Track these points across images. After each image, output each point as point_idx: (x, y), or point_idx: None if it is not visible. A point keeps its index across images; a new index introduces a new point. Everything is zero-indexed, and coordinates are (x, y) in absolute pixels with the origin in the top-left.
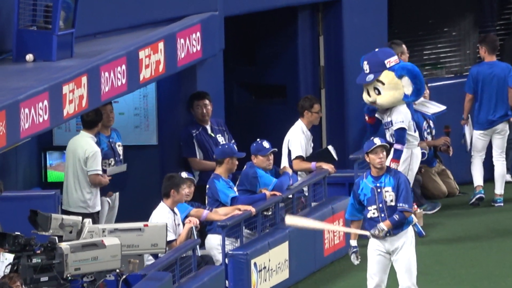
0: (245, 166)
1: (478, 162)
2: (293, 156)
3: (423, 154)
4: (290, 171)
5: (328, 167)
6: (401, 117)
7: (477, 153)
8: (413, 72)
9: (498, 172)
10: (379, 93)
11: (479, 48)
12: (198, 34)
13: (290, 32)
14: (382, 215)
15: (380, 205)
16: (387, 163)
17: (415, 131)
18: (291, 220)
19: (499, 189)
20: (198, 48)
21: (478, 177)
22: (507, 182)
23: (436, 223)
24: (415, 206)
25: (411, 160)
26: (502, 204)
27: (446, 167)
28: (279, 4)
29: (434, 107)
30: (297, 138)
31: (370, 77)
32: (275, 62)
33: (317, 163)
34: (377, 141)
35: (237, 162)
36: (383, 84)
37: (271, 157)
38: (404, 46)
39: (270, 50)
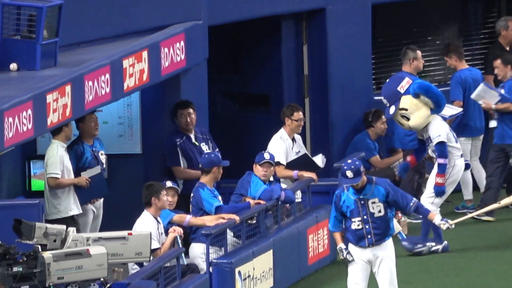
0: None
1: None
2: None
3: (467, 166)
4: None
5: (309, 175)
6: (437, 132)
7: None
8: (423, 87)
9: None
10: (408, 119)
11: (447, 60)
12: (182, 43)
13: (274, 41)
14: (367, 226)
15: (365, 217)
16: (431, 178)
17: (456, 142)
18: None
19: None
20: (182, 57)
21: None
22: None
23: (420, 231)
24: (399, 215)
25: (452, 170)
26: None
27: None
28: (263, 13)
29: (450, 110)
30: (275, 145)
31: (392, 109)
32: (259, 71)
33: (299, 171)
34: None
35: (221, 171)
36: (406, 110)
37: (269, 169)
38: (418, 52)
39: (254, 59)
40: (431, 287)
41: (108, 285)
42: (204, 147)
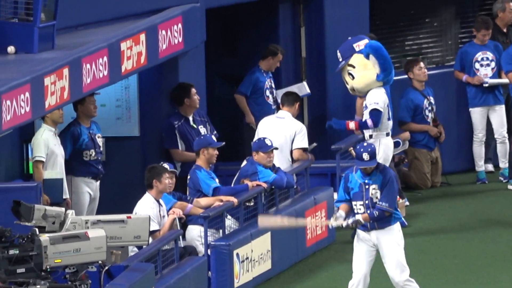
0: (244, 162)
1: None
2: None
3: (395, 144)
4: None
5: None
6: (375, 99)
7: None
8: (374, 47)
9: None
10: (353, 77)
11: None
12: (180, 25)
13: (271, 24)
14: (368, 211)
15: (367, 202)
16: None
17: (389, 119)
18: (263, 221)
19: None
20: (180, 39)
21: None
22: (488, 172)
23: (418, 213)
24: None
25: (379, 150)
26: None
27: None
28: None
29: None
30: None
31: (341, 63)
32: (256, 53)
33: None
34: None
35: (215, 153)
36: (354, 67)
37: (272, 154)
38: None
39: (251, 41)
40: (429, 268)
41: (106, 267)
42: (202, 130)
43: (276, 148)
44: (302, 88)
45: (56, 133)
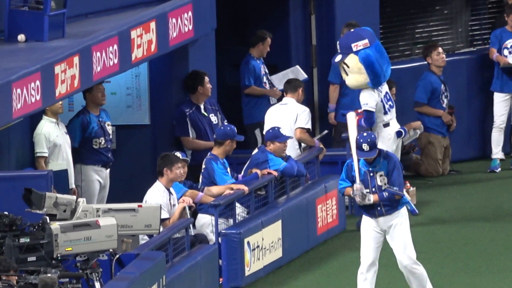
0: (255, 150)
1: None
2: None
3: (398, 133)
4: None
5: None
6: (365, 100)
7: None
8: (367, 62)
9: None
10: (347, 75)
11: None
12: (190, 13)
13: (281, 12)
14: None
15: (373, 189)
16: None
17: (385, 113)
18: None
19: None
20: (190, 27)
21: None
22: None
23: (429, 201)
24: (408, 184)
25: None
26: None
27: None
28: None
29: None
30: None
31: (338, 57)
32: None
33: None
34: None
35: (235, 145)
36: (348, 67)
37: (287, 143)
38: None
39: (262, 30)
40: (440, 256)
41: (117, 255)
42: (213, 118)
43: (291, 137)
44: (297, 72)
45: (59, 123)
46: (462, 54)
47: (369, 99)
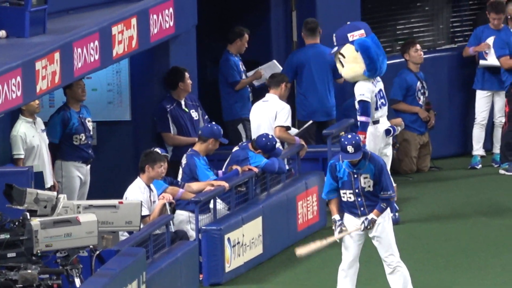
0: (236, 147)
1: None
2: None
3: (387, 132)
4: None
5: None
6: (361, 90)
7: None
8: (363, 47)
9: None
10: (343, 66)
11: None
12: (171, 10)
13: (263, 8)
14: (359, 199)
15: (357, 190)
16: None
17: (376, 109)
18: (300, 252)
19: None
20: (171, 24)
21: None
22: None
23: (410, 198)
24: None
25: (366, 139)
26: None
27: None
28: None
29: (492, 59)
30: (287, 110)
31: (334, 49)
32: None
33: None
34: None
35: (217, 146)
36: (344, 57)
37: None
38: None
39: (243, 26)
40: (421, 252)
41: (97, 252)
42: (194, 114)
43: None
44: (273, 67)
45: (36, 122)
46: (443, 50)
47: (364, 90)
